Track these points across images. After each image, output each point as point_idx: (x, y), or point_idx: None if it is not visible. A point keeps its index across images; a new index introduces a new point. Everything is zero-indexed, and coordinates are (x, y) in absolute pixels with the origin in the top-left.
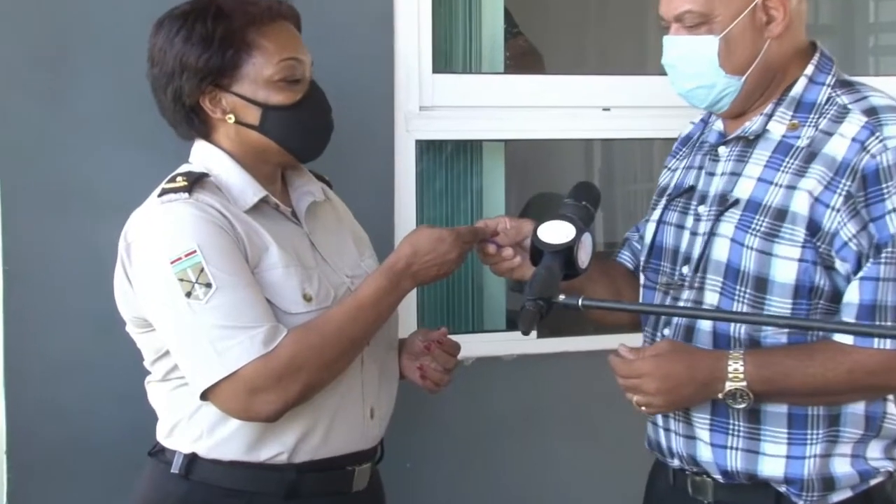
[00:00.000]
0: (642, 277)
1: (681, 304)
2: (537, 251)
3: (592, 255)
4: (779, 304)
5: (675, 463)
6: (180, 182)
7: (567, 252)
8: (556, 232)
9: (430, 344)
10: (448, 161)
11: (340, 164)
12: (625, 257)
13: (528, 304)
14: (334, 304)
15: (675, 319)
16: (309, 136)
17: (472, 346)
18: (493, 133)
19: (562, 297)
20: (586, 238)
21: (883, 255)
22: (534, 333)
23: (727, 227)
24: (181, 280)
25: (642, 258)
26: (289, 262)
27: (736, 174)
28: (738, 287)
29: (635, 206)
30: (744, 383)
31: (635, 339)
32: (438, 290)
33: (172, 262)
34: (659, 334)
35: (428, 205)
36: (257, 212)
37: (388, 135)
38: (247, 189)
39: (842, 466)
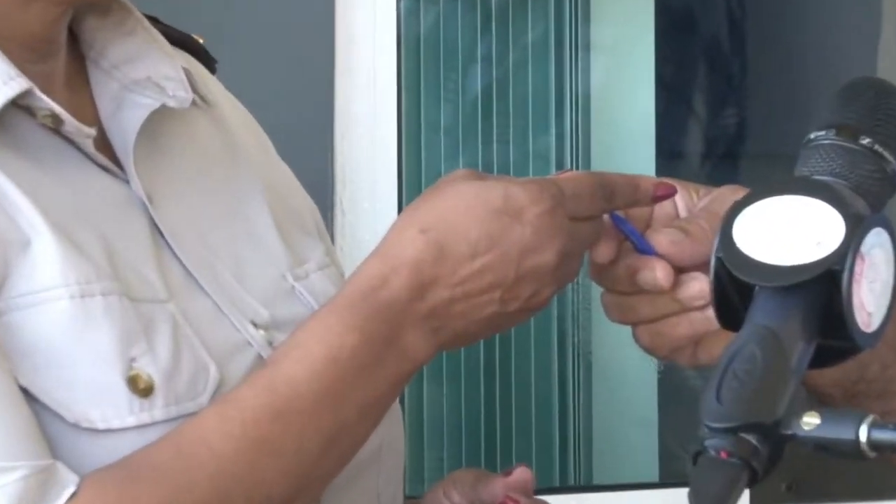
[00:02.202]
0: None
1: None
2: (735, 287)
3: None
4: None
5: None
6: None
7: (823, 289)
8: (787, 233)
9: (507, 501)
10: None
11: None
12: None
13: (716, 443)
14: (212, 399)
15: None
16: None
17: None
18: None
19: (811, 420)
20: (876, 247)
21: None
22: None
23: None
24: None
25: None
26: (89, 283)
27: None
28: None
29: None
30: None
31: None
32: (494, 381)
33: None
34: None
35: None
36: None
37: None
38: None
39: None
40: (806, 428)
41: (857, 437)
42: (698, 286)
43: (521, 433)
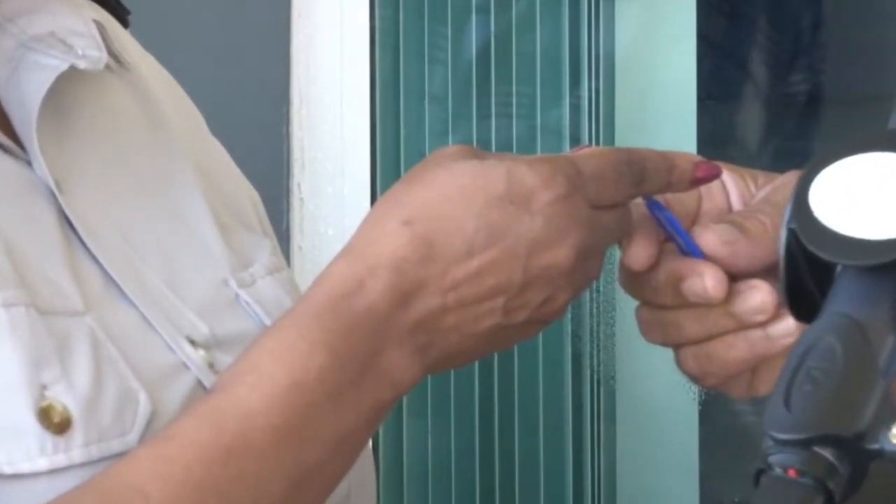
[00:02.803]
0: None
1: None
2: (811, 267)
3: None
4: None
5: None
6: None
7: None
8: (878, 200)
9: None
10: None
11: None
12: None
13: (783, 458)
14: (143, 435)
15: None
16: None
17: None
18: None
19: None
20: None
21: None
22: None
23: None
24: None
25: None
26: None
27: None
28: None
29: None
30: None
31: None
32: (493, 414)
33: None
34: None
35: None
36: None
37: None
38: None
39: None
40: None
41: None
42: (759, 297)
43: (525, 479)
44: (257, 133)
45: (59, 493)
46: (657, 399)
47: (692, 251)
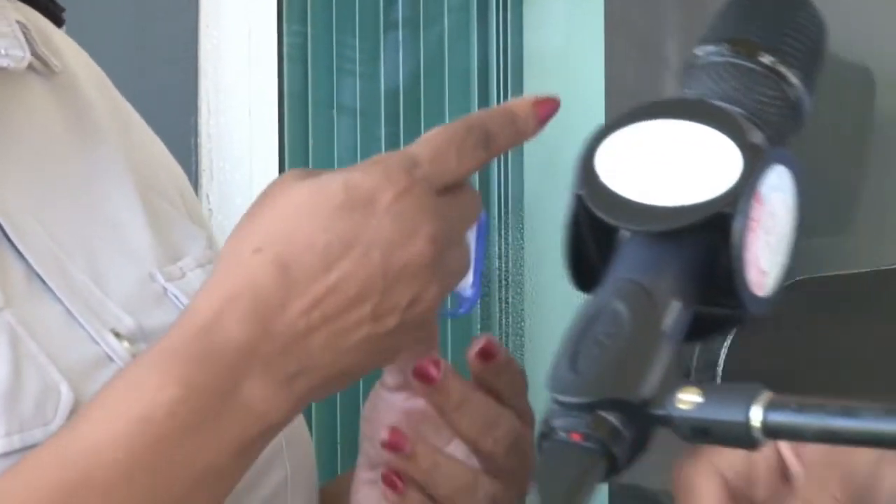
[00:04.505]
0: None
1: None
2: (595, 234)
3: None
4: None
5: None
6: None
7: (707, 239)
8: (666, 167)
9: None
10: None
11: None
12: None
13: (568, 422)
14: (68, 419)
15: None
16: None
17: None
18: None
19: (691, 398)
20: (777, 190)
21: None
22: None
23: None
24: None
25: None
26: None
27: None
28: None
29: None
30: None
31: None
32: None
33: None
34: None
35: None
36: None
37: None
38: None
39: None
40: (683, 407)
41: (749, 419)
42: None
43: None
44: (165, 144)
45: None
46: None
47: (475, 281)
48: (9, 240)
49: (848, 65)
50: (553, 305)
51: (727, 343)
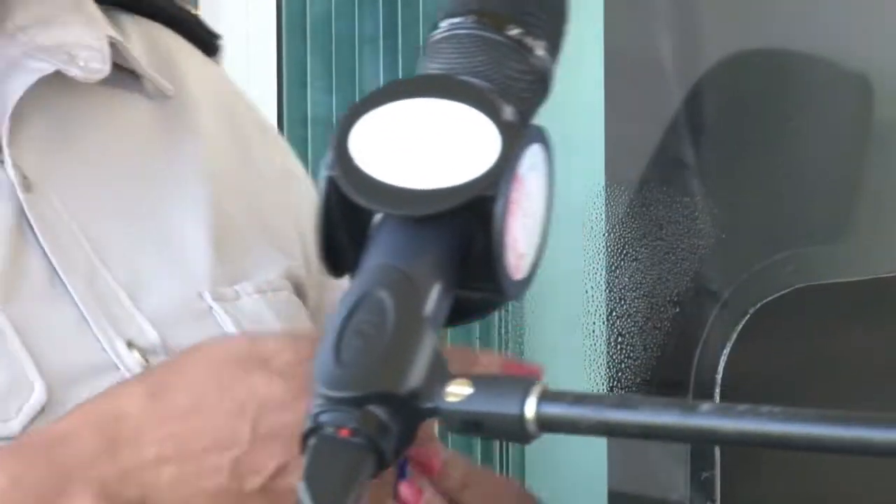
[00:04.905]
0: None
1: None
2: (349, 218)
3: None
4: None
5: None
6: None
7: (465, 222)
8: (422, 148)
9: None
10: None
11: None
12: None
13: (335, 417)
14: (34, 422)
15: None
16: None
17: None
18: None
19: (460, 390)
20: (533, 170)
21: None
22: None
23: None
24: None
25: None
26: None
27: None
28: None
29: None
30: None
31: None
32: None
33: None
34: None
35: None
36: None
37: None
38: None
39: None
40: (452, 399)
41: (523, 411)
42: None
43: None
44: None
45: None
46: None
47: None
48: (38, 241)
49: (847, 72)
50: (554, 306)
51: (727, 351)
